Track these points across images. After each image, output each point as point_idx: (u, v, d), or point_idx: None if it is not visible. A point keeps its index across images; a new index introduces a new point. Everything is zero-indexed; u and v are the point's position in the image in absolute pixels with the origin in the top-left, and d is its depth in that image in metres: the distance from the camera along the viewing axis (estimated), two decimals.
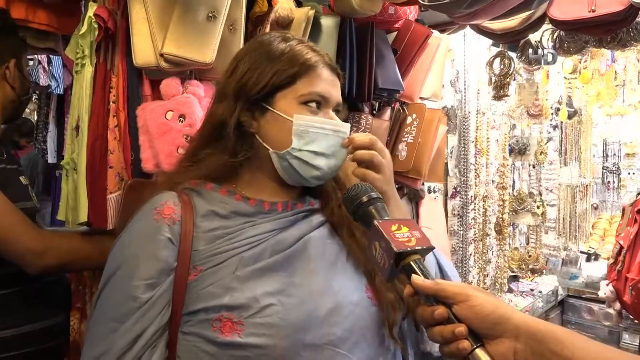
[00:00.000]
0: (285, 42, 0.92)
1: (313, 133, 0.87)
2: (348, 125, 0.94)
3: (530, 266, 2.96)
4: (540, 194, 3.15)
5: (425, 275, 0.69)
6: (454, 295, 0.65)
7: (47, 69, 3.40)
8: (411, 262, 0.70)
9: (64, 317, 1.34)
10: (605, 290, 2.61)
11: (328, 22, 1.44)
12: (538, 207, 2.93)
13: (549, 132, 3.46)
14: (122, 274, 0.79)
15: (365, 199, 0.80)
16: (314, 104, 0.88)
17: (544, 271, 3.43)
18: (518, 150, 3.00)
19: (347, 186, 0.94)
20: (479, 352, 0.63)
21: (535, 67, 2.33)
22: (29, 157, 3.84)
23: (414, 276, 0.69)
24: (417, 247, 0.71)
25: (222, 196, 0.87)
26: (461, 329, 0.63)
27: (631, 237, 2.34)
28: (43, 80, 3.41)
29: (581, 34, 1.87)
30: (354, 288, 0.86)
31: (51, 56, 3.25)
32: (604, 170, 4.32)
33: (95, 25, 1.18)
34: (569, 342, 0.61)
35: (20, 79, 1.36)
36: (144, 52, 1.18)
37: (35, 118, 3.98)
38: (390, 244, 0.70)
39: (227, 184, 0.89)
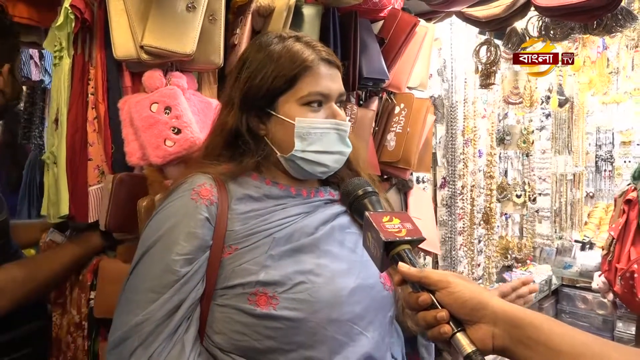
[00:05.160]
0: (282, 42, 0.95)
1: (314, 134, 0.92)
2: (348, 123, 0.98)
3: (514, 255, 2.96)
4: (526, 184, 3.12)
5: (413, 263, 0.73)
6: (436, 283, 0.69)
7: (39, 63, 3.37)
8: (400, 252, 0.74)
9: (42, 323, 1.31)
10: (598, 281, 2.64)
11: (310, 12, 1.43)
12: (518, 197, 2.91)
13: (542, 121, 3.44)
14: (160, 247, 0.83)
15: (360, 192, 0.86)
16: (315, 104, 0.93)
17: (530, 261, 3.41)
18: (499, 139, 2.97)
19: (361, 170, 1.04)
20: (459, 336, 0.67)
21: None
22: (29, 158, 3.77)
23: (400, 264, 0.73)
24: (406, 238, 0.74)
25: (253, 181, 0.94)
26: (442, 314, 0.68)
27: (620, 227, 2.34)
28: (35, 75, 3.38)
29: (566, 21, 1.86)
30: (370, 273, 0.92)
31: (43, 51, 3.22)
32: (597, 159, 4.31)
33: (72, 17, 1.17)
34: (547, 328, 0.63)
35: (12, 84, 1.31)
36: (124, 45, 1.17)
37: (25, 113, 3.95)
38: (379, 234, 0.73)
39: (255, 174, 0.96)
